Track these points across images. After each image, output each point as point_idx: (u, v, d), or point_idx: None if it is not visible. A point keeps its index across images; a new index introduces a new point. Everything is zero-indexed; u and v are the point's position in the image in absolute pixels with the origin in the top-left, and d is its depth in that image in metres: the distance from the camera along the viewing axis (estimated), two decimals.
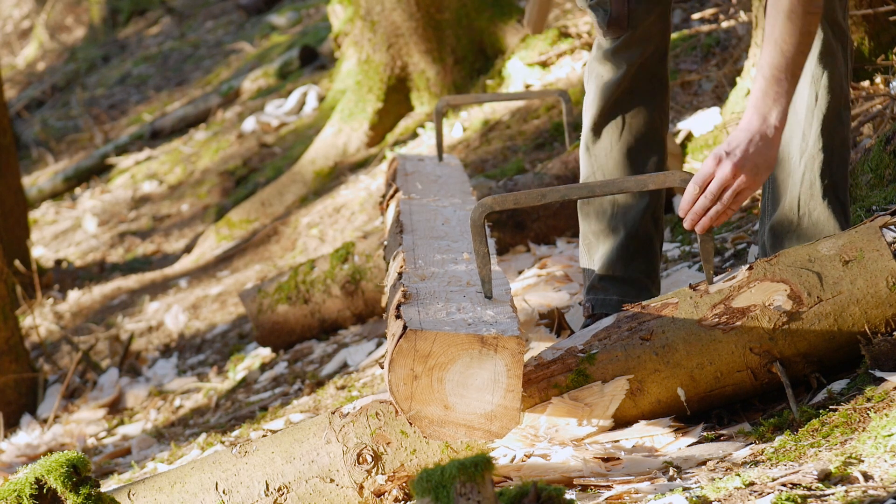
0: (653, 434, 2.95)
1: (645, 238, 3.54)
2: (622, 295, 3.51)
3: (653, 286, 3.57)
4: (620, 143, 3.52)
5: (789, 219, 3.30)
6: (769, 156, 2.90)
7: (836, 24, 3.25)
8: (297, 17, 13.13)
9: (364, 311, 5.19)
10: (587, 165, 3.57)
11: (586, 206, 3.57)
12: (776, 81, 2.89)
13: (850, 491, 2.37)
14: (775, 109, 2.90)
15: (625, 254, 3.53)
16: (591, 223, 3.57)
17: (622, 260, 3.53)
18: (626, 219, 3.52)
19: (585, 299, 3.59)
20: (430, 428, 2.72)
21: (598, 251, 3.56)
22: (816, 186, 3.27)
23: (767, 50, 2.89)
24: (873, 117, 4.50)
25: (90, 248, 9.61)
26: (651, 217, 3.54)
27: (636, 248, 3.53)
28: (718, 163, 2.89)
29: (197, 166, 10.25)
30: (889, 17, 4.76)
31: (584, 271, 3.62)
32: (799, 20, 2.88)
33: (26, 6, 18.64)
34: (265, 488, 2.96)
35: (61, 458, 2.76)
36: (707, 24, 6.38)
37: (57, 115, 14.15)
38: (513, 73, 7.43)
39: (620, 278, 3.53)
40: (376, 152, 7.77)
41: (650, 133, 3.53)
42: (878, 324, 2.92)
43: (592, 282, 3.56)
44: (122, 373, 6.23)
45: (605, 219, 3.54)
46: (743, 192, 2.90)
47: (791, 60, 2.89)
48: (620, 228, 3.53)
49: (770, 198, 3.34)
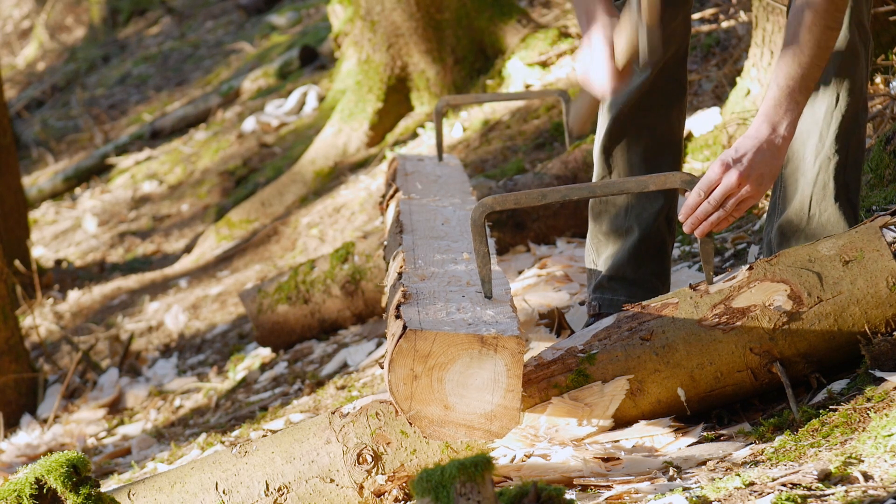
0: (653, 434, 2.95)
1: (658, 240, 3.53)
2: (630, 296, 3.49)
3: (663, 288, 3.55)
4: (639, 145, 3.50)
5: (799, 218, 3.29)
6: (774, 166, 2.90)
7: (862, 26, 3.24)
8: (297, 17, 13.14)
9: (364, 311, 5.19)
10: (602, 166, 3.54)
11: (598, 206, 3.55)
12: (790, 92, 2.90)
13: (850, 491, 2.37)
14: (786, 120, 2.91)
15: (636, 255, 3.51)
16: (603, 223, 3.55)
17: (633, 261, 3.51)
18: (640, 220, 3.50)
19: (591, 297, 3.57)
20: (430, 428, 2.72)
21: (607, 251, 3.54)
22: (830, 188, 3.27)
23: (784, 60, 2.89)
24: (873, 117, 4.50)
25: (90, 248, 9.61)
26: (665, 219, 3.53)
27: (648, 249, 3.52)
28: (725, 170, 2.89)
29: (197, 166, 10.25)
30: (889, 17, 4.76)
31: (590, 270, 3.61)
32: (819, 34, 2.88)
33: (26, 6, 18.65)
34: (265, 488, 2.96)
35: (61, 458, 2.76)
36: (707, 24, 6.38)
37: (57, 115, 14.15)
38: (513, 73, 7.43)
39: (630, 279, 3.52)
40: (376, 152, 7.78)
41: (668, 135, 3.52)
42: (878, 324, 2.92)
43: (600, 281, 3.54)
44: (122, 373, 6.23)
45: (619, 220, 3.52)
46: (746, 201, 2.91)
47: (807, 73, 2.90)
48: (634, 230, 3.51)
49: (781, 196, 3.33)
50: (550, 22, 7.92)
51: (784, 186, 3.32)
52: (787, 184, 3.31)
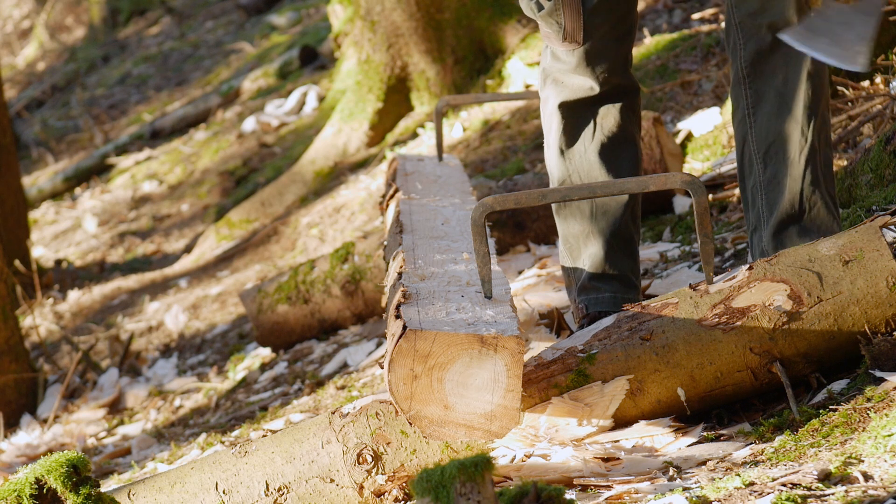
0: (653, 434, 2.95)
1: (627, 236, 3.56)
2: (614, 291, 3.52)
3: (637, 282, 3.60)
4: (593, 145, 3.52)
5: (790, 216, 3.30)
6: None
7: None
8: (297, 17, 13.13)
9: (364, 311, 5.19)
10: (562, 169, 3.56)
11: (564, 209, 3.57)
12: None
13: (850, 491, 2.37)
14: None
15: (610, 252, 3.53)
16: (571, 225, 3.56)
17: (609, 259, 3.54)
18: (608, 218, 3.53)
19: (578, 300, 3.58)
20: (430, 428, 2.72)
21: (583, 253, 3.56)
22: (819, 181, 3.30)
23: None
24: (873, 117, 4.50)
25: (90, 248, 9.61)
26: (631, 215, 3.56)
27: (620, 246, 3.55)
28: None
29: (197, 166, 10.25)
30: (889, 17, 4.75)
31: (567, 274, 3.62)
32: None
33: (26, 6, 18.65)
34: (265, 488, 2.96)
35: (61, 458, 2.76)
36: (707, 24, 6.38)
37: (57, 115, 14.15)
38: (513, 73, 7.43)
39: (609, 276, 3.54)
40: (376, 152, 7.77)
41: (621, 133, 3.54)
42: (878, 324, 2.92)
43: (582, 283, 3.56)
44: (122, 373, 6.23)
45: (585, 220, 3.54)
46: None
47: None
48: (604, 229, 3.53)
49: (764, 205, 3.34)
50: None
51: (766, 193, 3.33)
52: (768, 189, 3.33)
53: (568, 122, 3.53)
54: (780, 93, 3.31)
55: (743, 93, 3.37)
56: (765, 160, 3.32)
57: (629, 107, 3.57)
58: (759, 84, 3.35)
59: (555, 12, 3.38)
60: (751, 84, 3.36)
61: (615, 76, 3.49)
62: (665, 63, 6.32)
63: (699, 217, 2.97)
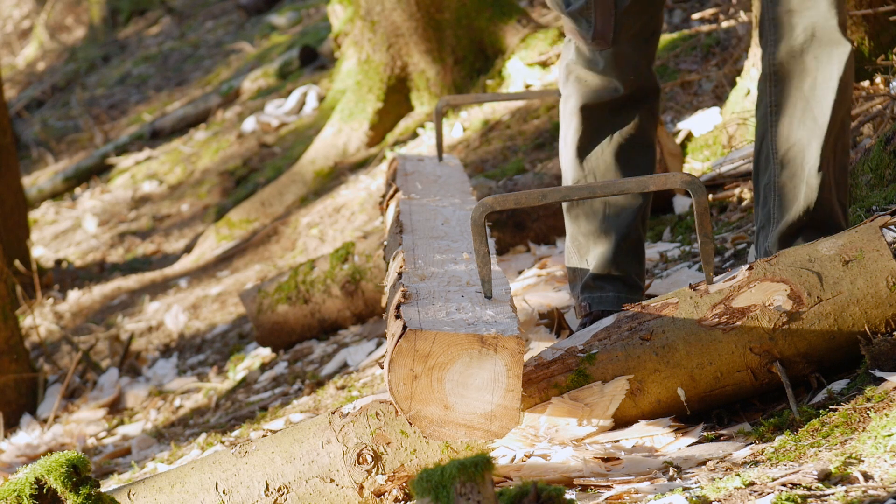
0: (653, 434, 2.95)
1: (636, 239, 3.56)
2: (617, 291, 3.53)
3: (642, 284, 3.61)
4: (611, 147, 3.52)
5: (801, 222, 3.28)
6: None
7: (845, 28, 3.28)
8: (297, 17, 13.13)
9: (364, 311, 5.19)
10: (577, 171, 3.56)
11: (576, 209, 3.57)
12: None
13: (850, 491, 2.37)
14: None
15: (619, 253, 3.54)
16: (582, 225, 3.57)
17: (616, 260, 3.54)
18: (619, 220, 3.53)
19: (581, 298, 3.59)
20: (430, 428, 2.72)
21: (591, 252, 3.56)
22: (833, 190, 3.28)
23: None
24: (873, 117, 4.50)
25: (90, 248, 9.61)
26: (641, 218, 3.55)
27: (628, 248, 3.55)
28: None
29: (197, 166, 10.25)
30: (889, 17, 4.76)
31: (572, 272, 3.62)
32: None
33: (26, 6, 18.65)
34: (265, 488, 2.96)
35: (61, 458, 2.76)
36: (707, 24, 6.38)
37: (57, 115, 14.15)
38: (513, 73, 7.43)
39: (614, 276, 3.54)
40: (376, 152, 7.77)
41: (640, 135, 3.54)
42: (878, 324, 2.92)
43: (586, 281, 3.57)
44: (122, 373, 6.23)
45: (597, 220, 3.54)
46: None
47: None
48: (613, 230, 3.53)
49: (776, 205, 3.32)
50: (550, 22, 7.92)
51: (779, 195, 3.31)
52: (783, 192, 3.31)
53: (588, 125, 3.51)
54: (806, 97, 3.24)
55: (768, 90, 3.29)
56: (782, 162, 3.28)
57: (650, 109, 3.55)
58: (786, 85, 3.27)
59: (585, 10, 3.35)
60: (777, 83, 3.28)
61: (640, 77, 3.47)
62: (665, 63, 6.32)
63: (699, 217, 2.97)
